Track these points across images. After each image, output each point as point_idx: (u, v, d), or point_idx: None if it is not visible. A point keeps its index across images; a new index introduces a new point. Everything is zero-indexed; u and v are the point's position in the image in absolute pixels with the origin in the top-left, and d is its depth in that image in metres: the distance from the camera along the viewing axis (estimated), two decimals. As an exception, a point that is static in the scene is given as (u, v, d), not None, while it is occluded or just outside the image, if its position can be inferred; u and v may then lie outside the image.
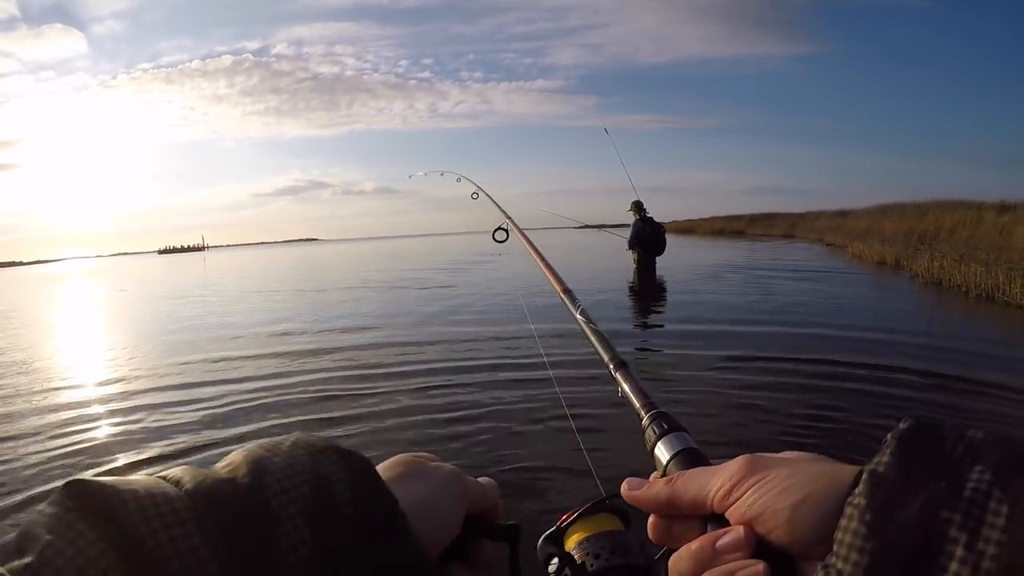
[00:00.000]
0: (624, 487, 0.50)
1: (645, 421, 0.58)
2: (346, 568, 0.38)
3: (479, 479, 0.56)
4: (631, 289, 12.01)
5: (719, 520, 0.45)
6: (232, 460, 0.41)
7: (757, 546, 0.42)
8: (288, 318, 10.27)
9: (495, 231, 2.11)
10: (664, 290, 11.58)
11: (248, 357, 6.85)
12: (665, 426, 0.55)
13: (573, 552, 0.58)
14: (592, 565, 0.54)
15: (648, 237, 12.94)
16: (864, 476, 0.38)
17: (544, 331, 6.39)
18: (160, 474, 0.39)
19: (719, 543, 0.42)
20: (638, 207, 13.03)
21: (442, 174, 4.04)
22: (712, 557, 0.42)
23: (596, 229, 16.66)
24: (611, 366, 0.72)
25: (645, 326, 8.24)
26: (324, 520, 0.38)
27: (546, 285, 1.19)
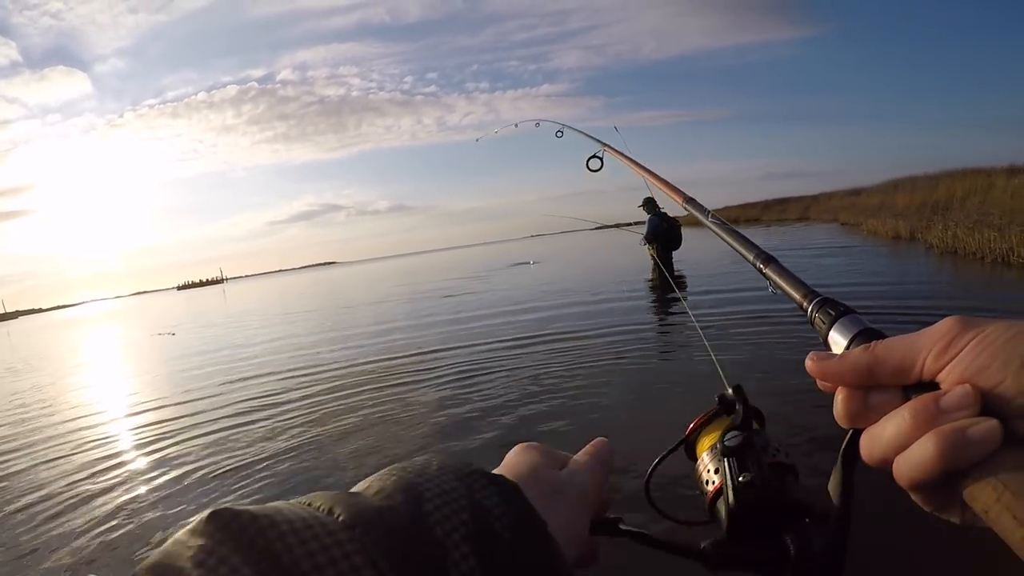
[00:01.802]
0: (811, 359, 0.46)
1: (811, 310, 0.55)
2: None
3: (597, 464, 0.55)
4: (652, 284, 12.21)
5: (927, 388, 0.41)
6: (381, 486, 0.38)
7: (982, 407, 0.38)
8: (329, 331, 11.06)
9: (589, 159, 2.12)
10: (685, 281, 11.82)
11: (317, 358, 7.72)
12: (835, 311, 0.52)
13: (706, 459, 0.58)
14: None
15: (665, 232, 13.01)
16: None
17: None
18: (302, 500, 0.36)
19: (943, 401, 0.39)
20: (651, 204, 13.08)
21: (516, 125, 3.99)
22: (935, 416, 0.39)
23: (612, 228, 16.60)
24: (758, 263, 0.70)
25: (673, 314, 8.58)
26: (487, 548, 0.35)
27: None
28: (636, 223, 13.35)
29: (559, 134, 3.16)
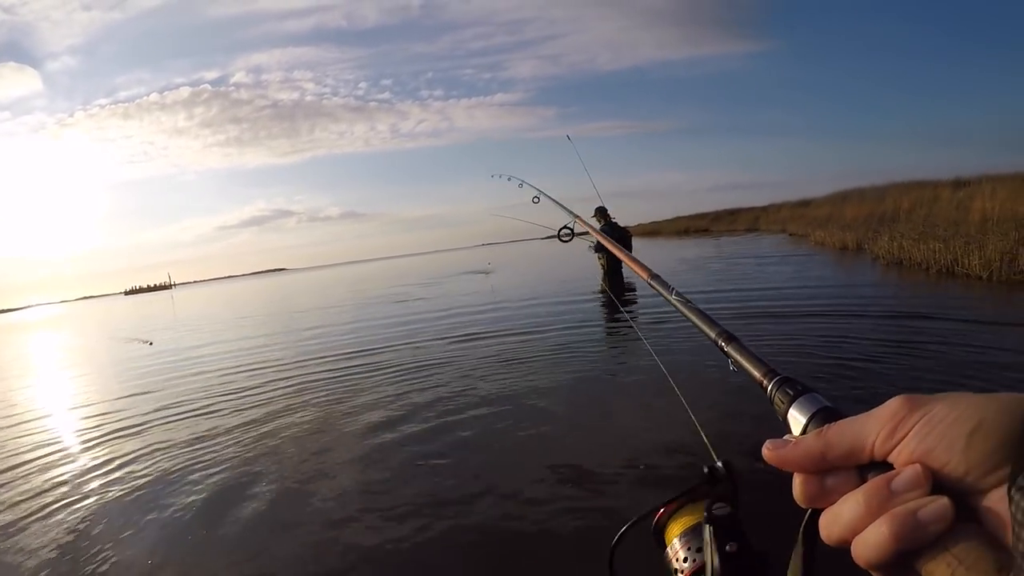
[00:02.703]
0: (766, 448, 0.47)
1: (771, 389, 0.56)
2: None
3: None
4: (603, 293, 12.11)
5: (880, 467, 0.42)
6: None
7: (932, 484, 0.39)
8: (295, 334, 10.54)
9: (560, 230, 2.17)
10: (634, 289, 11.79)
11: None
12: (794, 390, 0.52)
13: (677, 546, 0.57)
14: (695, 560, 0.52)
15: (617, 241, 12.95)
16: None
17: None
18: None
19: (894, 483, 0.40)
20: (602, 213, 13.05)
21: (509, 179, 4.28)
22: (887, 499, 0.40)
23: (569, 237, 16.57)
24: (720, 341, 0.70)
25: (621, 322, 8.36)
26: None
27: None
28: (584, 234, 13.25)
29: (536, 200, 3.53)
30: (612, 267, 13.09)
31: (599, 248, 13.06)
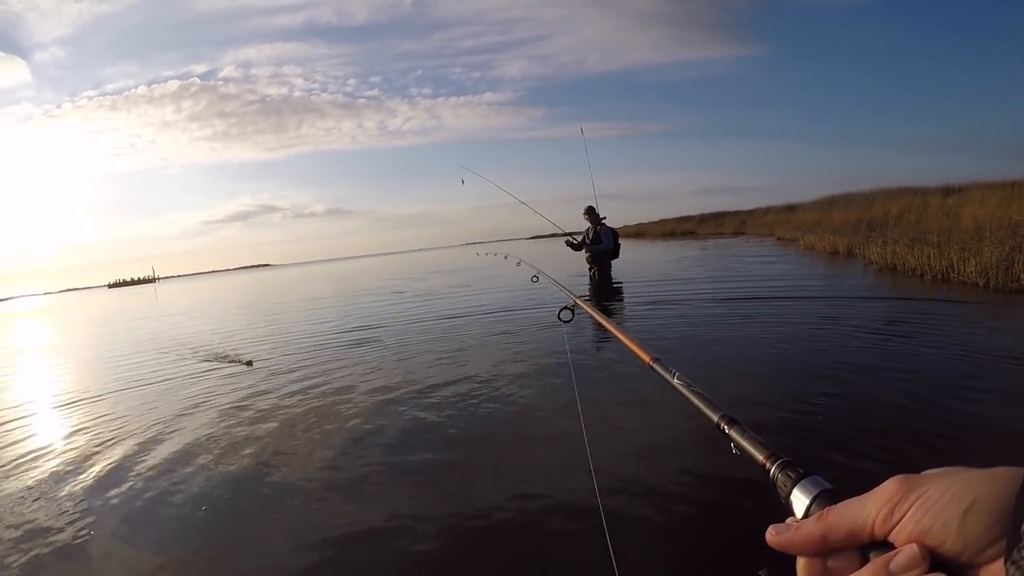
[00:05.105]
0: (770, 534, 0.48)
1: (774, 471, 0.58)
2: None
3: None
4: (594, 291, 12.02)
5: (881, 547, 0.43)
6: None
7: (930, 562, 0.40)
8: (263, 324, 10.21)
9: (560, 311, 2.38)
10: (621, 289, 11.82)
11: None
12: (796, 473, 0.55)
13: None
14: None
15: (606, 241, 12.93)
16: None
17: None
18: None
19: (892, 565, 0.41)
20: (591, 212, 12.90)
21: (514, 262, 4.73)
22: None
23: (548, 237, 16.44)
24: (722, 425, 0.72)
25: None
26: None
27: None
28: (569, 234, 13.14)
29: (535, 279, 3.85)
30: (603, 267, 13.00)
31: (591, 261, 13.03)
